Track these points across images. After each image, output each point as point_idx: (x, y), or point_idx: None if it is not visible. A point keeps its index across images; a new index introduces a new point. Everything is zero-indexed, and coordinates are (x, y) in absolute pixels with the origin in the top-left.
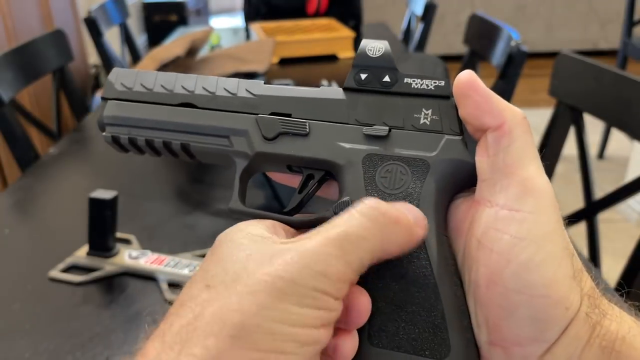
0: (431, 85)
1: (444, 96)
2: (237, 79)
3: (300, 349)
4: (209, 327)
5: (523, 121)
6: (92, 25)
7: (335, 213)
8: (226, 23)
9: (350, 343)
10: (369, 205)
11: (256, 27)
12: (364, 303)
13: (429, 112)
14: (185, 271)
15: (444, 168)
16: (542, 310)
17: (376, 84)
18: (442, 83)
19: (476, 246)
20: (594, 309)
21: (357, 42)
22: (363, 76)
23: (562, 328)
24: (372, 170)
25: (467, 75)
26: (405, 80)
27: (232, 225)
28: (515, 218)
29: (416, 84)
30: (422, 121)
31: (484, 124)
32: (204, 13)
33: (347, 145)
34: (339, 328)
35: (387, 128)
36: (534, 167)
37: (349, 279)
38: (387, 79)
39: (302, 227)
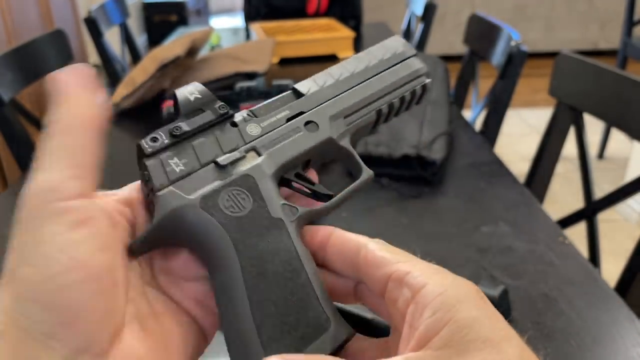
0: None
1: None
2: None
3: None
4: None
5: None
6: (92, 25)
7: None
8: (226, 23)
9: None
10: None
11: (256, 27)
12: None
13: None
14: None
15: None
16: None
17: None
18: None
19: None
20: None
21: (357, 42)
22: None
23: None
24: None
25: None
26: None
27: None
28: None
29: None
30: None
31: None
32: (204, 13)
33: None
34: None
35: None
36: None
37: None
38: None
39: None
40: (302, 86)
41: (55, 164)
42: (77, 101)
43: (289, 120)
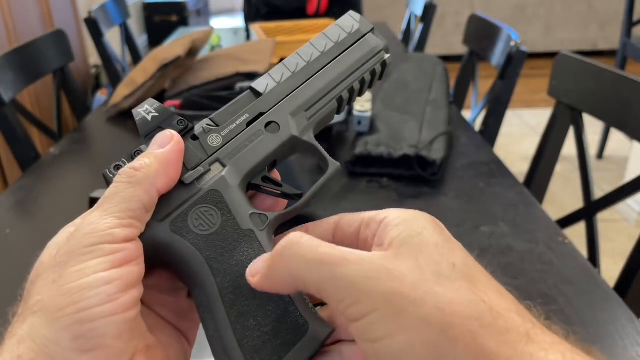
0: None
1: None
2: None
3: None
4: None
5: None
6: (93, 26)
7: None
8: (226, 23)
9: None
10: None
11: (256, 28)
12: None
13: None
14: None
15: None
16: None
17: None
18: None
19: None
20: None
21: None
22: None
23: None
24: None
25: None
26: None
27: None
28: None
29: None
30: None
31: None
32: (204, 13)
33: None
34: None
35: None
36: None
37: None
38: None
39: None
40: (260, 85)
41: (116, 209)
42: (160, 164)
43: (249, 124)
